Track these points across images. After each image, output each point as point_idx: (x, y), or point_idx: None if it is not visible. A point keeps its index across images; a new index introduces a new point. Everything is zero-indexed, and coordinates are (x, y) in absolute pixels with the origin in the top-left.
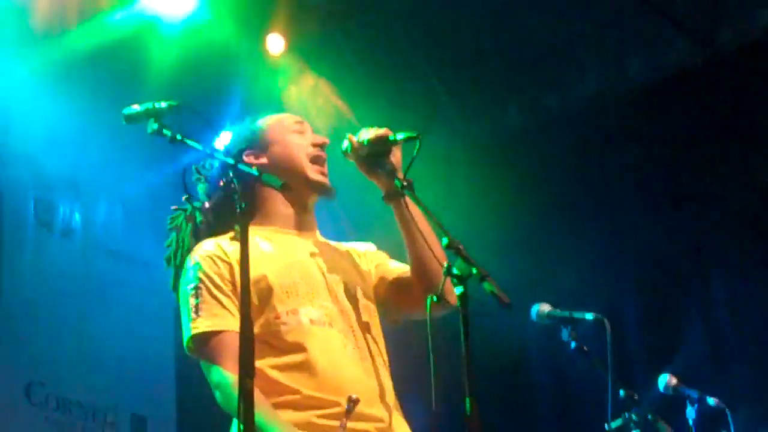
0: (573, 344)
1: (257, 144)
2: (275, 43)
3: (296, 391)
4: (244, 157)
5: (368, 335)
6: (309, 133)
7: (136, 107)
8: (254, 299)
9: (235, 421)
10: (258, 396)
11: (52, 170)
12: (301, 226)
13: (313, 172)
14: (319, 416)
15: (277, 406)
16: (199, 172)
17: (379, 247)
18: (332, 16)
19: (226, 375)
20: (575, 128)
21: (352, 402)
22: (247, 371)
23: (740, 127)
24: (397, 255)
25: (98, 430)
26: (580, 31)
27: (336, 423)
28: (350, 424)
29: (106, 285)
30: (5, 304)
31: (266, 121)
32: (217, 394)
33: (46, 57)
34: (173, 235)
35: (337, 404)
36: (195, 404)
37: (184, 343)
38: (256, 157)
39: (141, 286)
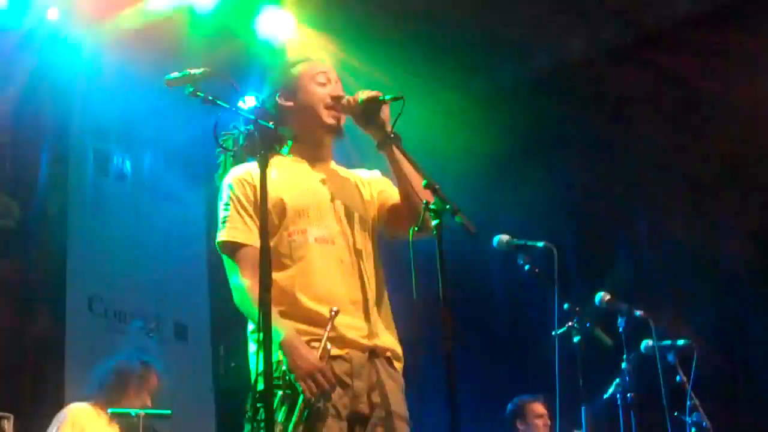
0: (527, 267)
1: (288, 88)
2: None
3: (294, 302)
4: (277, 97)
5: (363, 253)
6: (331, 84)
7: (175, 74)
8: (273, 219)
9: (249, 322)
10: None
11: (107, 127)
12: (315, 158)
13: (327, 117)
14: (308, 324)
15: (281, 312)
16: (225, 134)
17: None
18: None
19: (242, 281)
20: (539, 91)
21: (334, 312)
22: (266, 285)
23: (670, 98)
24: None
25: (147, 337)
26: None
27: (321, 331)
28: (334, 332)
29: (150, 217)
30: (72, 235)
31: (298, 69)
32: (234, 294)
33: (105, 34)
34: (221, 158)
35: (324, 315)
36: (225, 314)
37: (216, 244)
38: (286, 99)
39: (178, 218)
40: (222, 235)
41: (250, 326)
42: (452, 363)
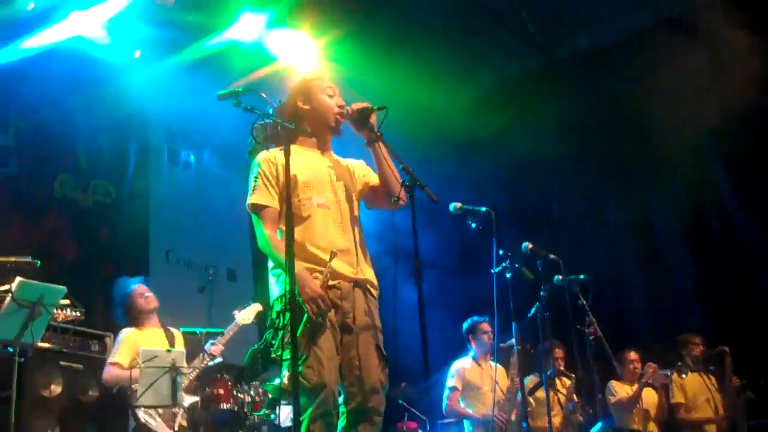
0: (473, 225)
1: (305, 96)
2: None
3: (302, 248)
4: (297, 102)
5: (350, 216)
6: (336, 97)
7: (224, 90)
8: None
9: (269, 260)
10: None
11: (177, 130)
12: (322, 148)
13: (332, 121)
14: (313, 263)
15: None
16: (257, 130)
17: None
18: None
19: (265, 232)
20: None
21: (333, 253)
22: (289, 244)
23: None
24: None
25: (208, 279)
26: None
27: (323, 268)
28: (332, 264)
29: (207, 194)
30: (152, 208)
31: (312, 83)
32: (259, 241)
33: (174, 60)
34: (253, 144)
35: (323, 259)
36: (264, 260)
37: (247, 204)
38: (303, 103)
39: (226, 193)
40: (251, 199)
41: (270, 264)
42: (421, 293)
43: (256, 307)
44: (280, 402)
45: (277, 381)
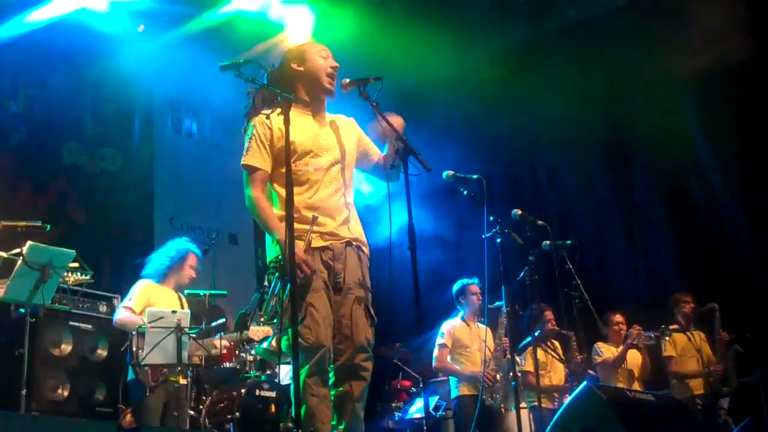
0: (465, 192)
1: (299, 58)
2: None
3: (295, 209)
4: (291, 64)
5: (344, 179)
6: (330, 59)
7: (226, 62)
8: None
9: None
10: (271, 213)
11: (180, 100)
12: (315, 111)
13: (325, 83)
14: (304, 224)
15: (279, 218)
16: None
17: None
18: None
19: (253, 193)
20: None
21: (314, 218)
22: (290, 213)
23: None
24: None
25: (210, 243)
26: None
27: (313, 228)
28: (323, 230)
29: (209, 161)
30: (157, 175)
31: (306, 45)
32: (247, 201)
33: (177, 33)
34: (249, 106)
35: (313, 216)
36: None
37: (240, 164)
38: (298, 65)
39: (227, 160)
40: (244, 160)
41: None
42: (415, 256)
43: (266, 331)
44: (279, 361)
45: (265, 344)
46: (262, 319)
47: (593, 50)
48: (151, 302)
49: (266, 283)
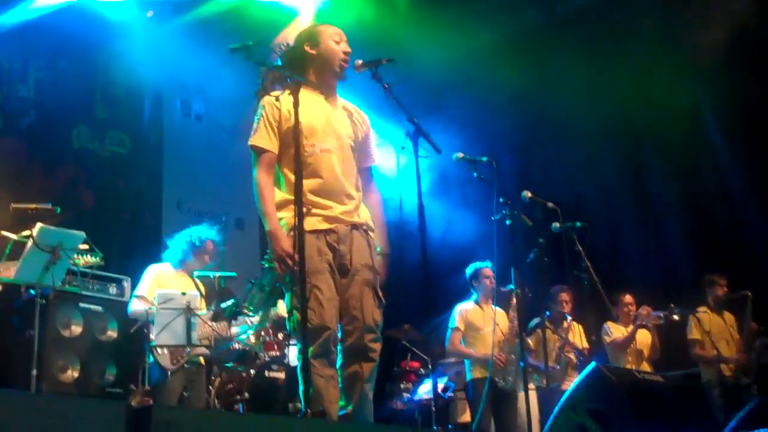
0: (475, 174)
1: (313, 41)
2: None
3: (303, 192)
4: (305, 46)
5: (350, 161)
6: (343, 43)
7: (235, 45)
8: (294, 134)
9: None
10: (269, 202)
11: (190, 83)
12: (327, 93)
13: (336, 67)
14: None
15: (281, 204)
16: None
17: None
18: None
19: (257, 177)
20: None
21: (308, 210)
22: (299, 197)
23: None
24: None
25: (219, 227)
26: None
27: (319, 211)
28: (329, 213)
29: (218, 145)
30: (166, 158)
31: (320, 28)
32: (253, 185)
33: (187, 17)
34: (259, 86)
35: (322, 204)
36: None
37: (248, 144)
38: (311, 48)
39: (236, 143)
40: (251, 140)
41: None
42: (424, 239)
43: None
44: (290, 342)
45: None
46: (245, 311)
47: (604, 34)
48: (162, 287)
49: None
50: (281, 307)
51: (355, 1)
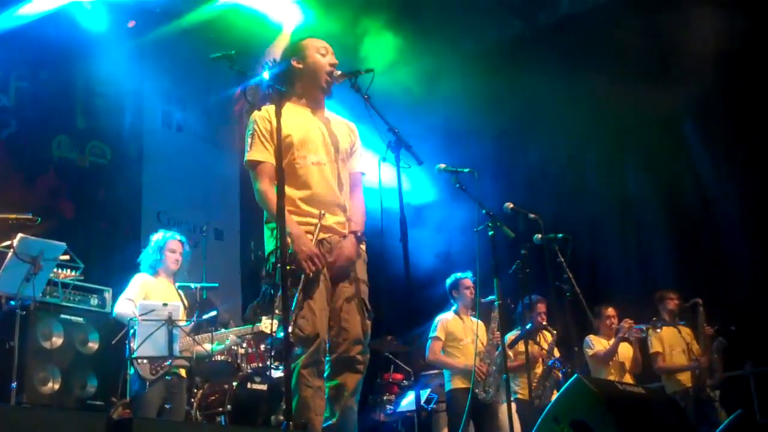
0: (457, 185)
1: (299, 55)
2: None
3: (296, 204)
4: (291, 60)
5: (341, 173)
6: (329, 56)
7: (217, 54)
8: (285, 147)
9: (265, 215)
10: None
11: (170, 93)
12: (314, 107)
13: (322, 81)
14: (303, 219)
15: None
16: (250, 91)
17: None
18: None
19: (260, 187)
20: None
21: (322, 214)
22: (281, 198)
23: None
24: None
25: (198, 237)
26: None
27: (315, 221)
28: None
29: (199, 156)
30: (146, 169)
31: (306, 42)
32: (256, 195)
33: (167, 29)
34: (248, 105)
35: (316, 215)
36: (252, 219)
37: (244, 161)
38: (297, 63)
39: (217, 155)
40: (247, 156)
41: (265, 217)
42: (406, 249)
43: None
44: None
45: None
46: (277, 312)
47: (586, 44)
48: (148, 295)
49: (263, 273)
50: (264, 323)
51: (333, 13)
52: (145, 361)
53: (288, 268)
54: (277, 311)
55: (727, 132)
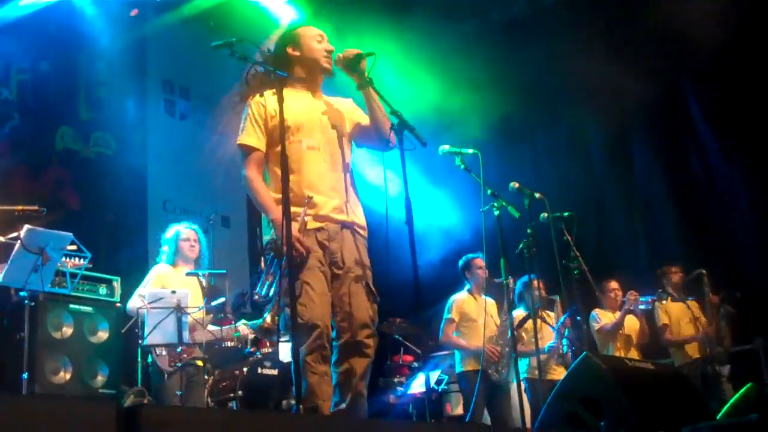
0: (462, 167)
1: (295, 43)
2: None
3: (291, 189)
4: (287, 49)
5: (339, 156)
6: (325, 42)
7: (219, 42)
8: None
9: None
10: (266, 194)
11: (173, 83)
12: (313, 90)
13: (324, 63)
14: (300, 205)
15: (276, 199)
16: (251, 77)
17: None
18: None
19: (248, 173)
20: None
21: (309, 198)
22: (286, 193)
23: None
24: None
25: (205, 225)
26: None
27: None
28: (316, 211)
29: (203, 144)
30: (150, 158)
31: (301, 30)
32: (243, 182)
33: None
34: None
35: (307, 197)
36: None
37: (236, 144)
38: (294, 50)
39: (221, 143)
40: (240, 139)
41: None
42: (412, 234)
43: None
44: (278, 338)
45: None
46: (256, 297)
47: (588, 22)
48: (165, 285)
49: (262, 264)
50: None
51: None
52: (163, 352)
53: (272, 255)
54: (256, 297)
55: (729, 105)
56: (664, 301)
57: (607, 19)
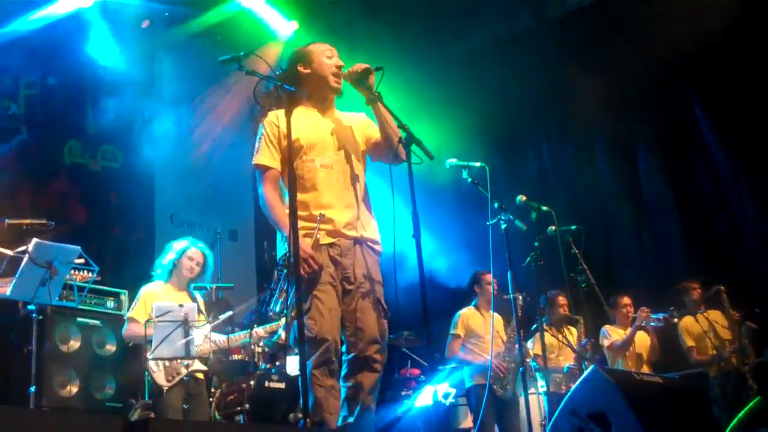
0: (469, 180)
1: (305, 60)
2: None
3: (305, 206)
4: (298, 66)
5: (353, 174)
6: (335, 58)
7: (226, 56)
8: (293, 151)
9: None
10: (281, 212)
11: (181, 96)
12: (323, 108)
13: (332, 82)
14: (310, 222)
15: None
16: (260, 95)
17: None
18: None
19: (265, 192)
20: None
21: (321, 216)
22: (293, 208)
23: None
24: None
25: (211, 239)
26: None
27: (322, 226)
28: (330, 227)
29: (211, 157)
30: (158, 171)
31: (311, 47)
32: (260, 200)
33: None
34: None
35: (325, 218)
36: (265, 221)
37: (252, 164)
38: (304, 68)
39: (230, 157)
40: (255, 159)
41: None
42: (419, 247)
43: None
44: (286, 353)
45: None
46: (271, 314)
47: (594, 35)
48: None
49: (275, 278)
50: (284, 335)
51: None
52: (160, 368)
53: (286, 271)
54: (270, 313)
55: (738, 118)
56: (676, 320)
57: (612, 32)
